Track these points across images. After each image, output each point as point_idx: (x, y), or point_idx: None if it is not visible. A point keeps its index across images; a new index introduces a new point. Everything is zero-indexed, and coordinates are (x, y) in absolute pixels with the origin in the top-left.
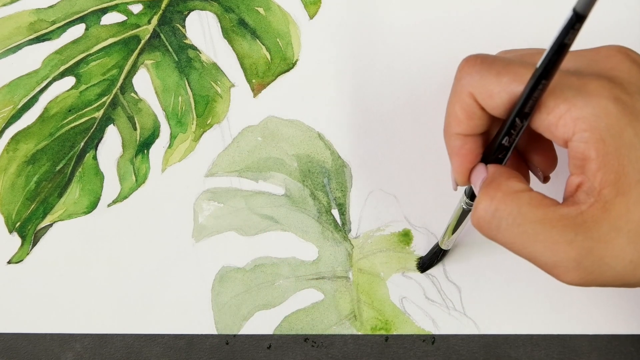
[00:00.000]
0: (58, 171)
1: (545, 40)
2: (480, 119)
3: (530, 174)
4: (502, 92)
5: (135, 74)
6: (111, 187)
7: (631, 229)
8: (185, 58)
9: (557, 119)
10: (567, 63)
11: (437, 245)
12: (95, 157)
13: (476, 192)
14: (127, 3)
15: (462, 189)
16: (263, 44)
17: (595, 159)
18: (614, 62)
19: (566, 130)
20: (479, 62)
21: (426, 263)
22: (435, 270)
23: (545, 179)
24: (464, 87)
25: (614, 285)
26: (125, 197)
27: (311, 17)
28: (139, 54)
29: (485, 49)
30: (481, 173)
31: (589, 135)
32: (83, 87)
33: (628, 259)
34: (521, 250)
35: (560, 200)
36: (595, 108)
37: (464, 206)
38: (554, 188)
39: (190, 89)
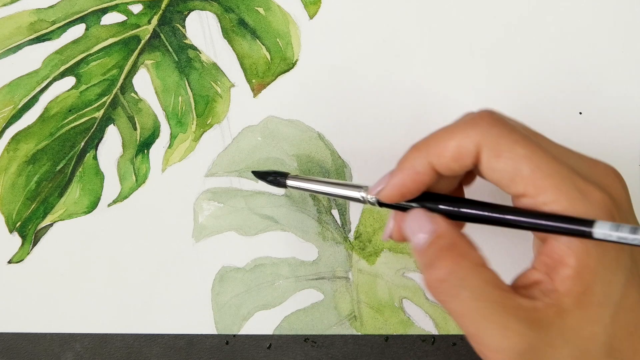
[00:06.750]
0: (58, 171)
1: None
2: (461, 167)
3: None
4: (510, 160)
5: (135, 74)
6: (111, 187)
7: (577, 346)
8: (185, 58)
9: (552, 210)
10: (568, 159)
11: (283, 175)
12: (95, 157)
13: (414, 240)
14: (127, 3)
15: None
16: (263, 44)
17: (573, 267)
18: (610, 181)
19: None
20: (501, 122)
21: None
22: None
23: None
24: (476, 134)
25: None
26: (126, 197)
27: (311, 17)
28: (139, 54)
29: (486, 49)
30: (427, 224)
31: (578, 243)
32: (83, 87)
33: None
34: (469, 324)
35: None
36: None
37: (361, 197)
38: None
39: (190, 89)
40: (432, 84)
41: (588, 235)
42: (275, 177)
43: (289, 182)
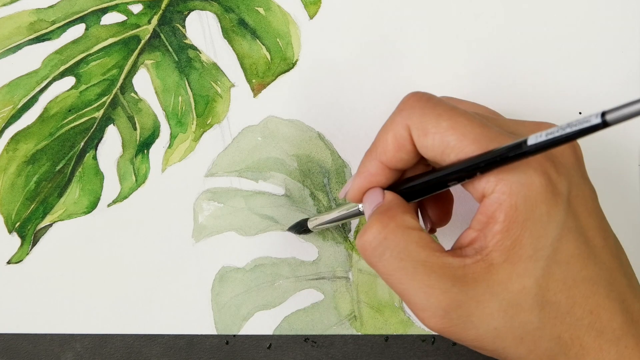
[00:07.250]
0: (58, 171)
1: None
2: (407, 154)
3: None
4: (436, 135)
5: (135, 74)
6: (111, 187)
7: (507, 299)
8: (185, 58)
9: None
10: (507, 125)
11: (305, 222)
12: (95, 157)
13: (366, 214)
14: (127, 3)
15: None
16: (263, 44)
17: (502, 222)
18: None
19: (488, 186)
20: (424, 100)
21: (292, 230)
22: None
23: (431, 231)
24: (403, 119)
25: (471, 344)
26: (125, 197)
27: (311, 17)
28: (139, 54)
29: (486, 48)
30: (377, 197)
31: (506, 198)
32: (83, 87)
33: (493, 325)
34: (396, 284)
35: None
36: (521, 175)
37: (360, 209)
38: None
39: (190, 89)
40: (432, 84)
41: (525, 152)
42: (301, 228)
43: (310, 225)
